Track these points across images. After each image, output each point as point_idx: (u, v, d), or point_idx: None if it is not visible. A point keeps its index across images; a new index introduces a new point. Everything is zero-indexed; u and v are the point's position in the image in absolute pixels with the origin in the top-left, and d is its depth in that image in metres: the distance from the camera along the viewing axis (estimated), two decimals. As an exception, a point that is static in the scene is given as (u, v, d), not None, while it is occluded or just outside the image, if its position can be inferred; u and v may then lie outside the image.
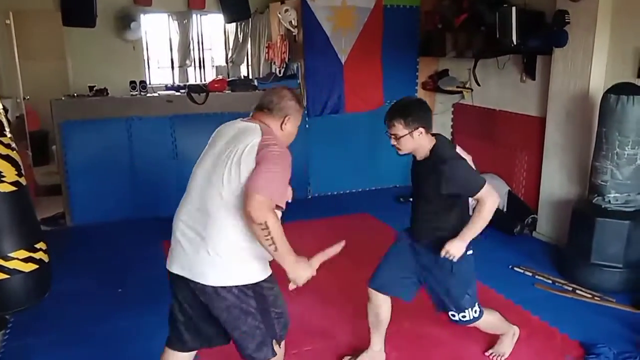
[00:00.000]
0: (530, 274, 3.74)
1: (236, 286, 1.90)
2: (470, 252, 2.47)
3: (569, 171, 4.16)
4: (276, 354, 2.02)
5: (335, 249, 2.05)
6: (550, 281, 3.64)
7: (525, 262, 3.93)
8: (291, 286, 1.92)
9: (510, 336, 2.78)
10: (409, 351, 2.85)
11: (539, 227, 4.49)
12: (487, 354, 2.79)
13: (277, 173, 1.82)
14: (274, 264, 1.96)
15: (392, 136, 2.37)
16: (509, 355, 2.78)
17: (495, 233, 4.54)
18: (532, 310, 3.22)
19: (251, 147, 1.87)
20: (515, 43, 4.19)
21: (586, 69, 3.89)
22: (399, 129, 2.32)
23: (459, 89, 5.48)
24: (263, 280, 1.96)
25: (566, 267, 3.74)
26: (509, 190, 4.84)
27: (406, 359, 2.79)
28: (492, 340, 2.83)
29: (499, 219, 4.65)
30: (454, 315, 2.55)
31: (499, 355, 2.78)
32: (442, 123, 5.86)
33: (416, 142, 2.35)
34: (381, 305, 2.63)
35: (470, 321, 2.55)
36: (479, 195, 2.35)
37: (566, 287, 3.55)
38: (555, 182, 4.31)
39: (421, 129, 2.33)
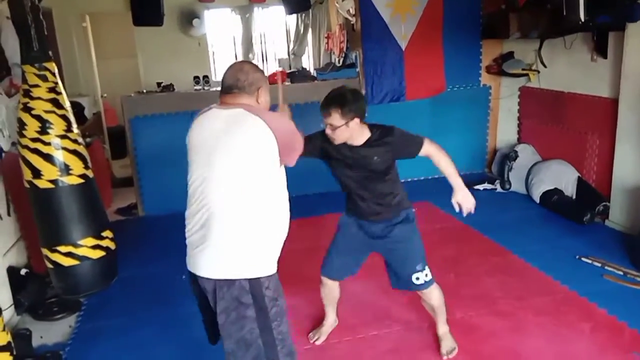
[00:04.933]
0: (599, 265, 3.53)
1: (245, 279, 1.86)
2: (413, 209, 2.59)
3: (644, 155, 3.89)
4: None
5: None
6: (620, 272, 3.42)
7: (595, 252, 3.72)
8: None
9: (445, 322, 2.72)
10: (460, 343, 2.76)
11: (612, 215, 4.22)
12: (444, 357, 2.65)
13: (300, 144, 1.97)
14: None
15: (329, 126, 2.39)
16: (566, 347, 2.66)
17: (563, 221, 4.35)
18: (598, 303, 3.05)
19: (263, 132, 1.81)
20: (583, 20, 3.92)
21: (663, 45, 3.61)
22: (336, 119, 2.35)
23: (524, 72, 5.23)
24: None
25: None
26: (578, 176, 4.59)
27: (458, 351, 2.71)
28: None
29: (567, 207, 4.48)
30: (418, 279, 2.55)
31: (453, 350, 2.67)
32: (508, 108, 5.64)
33: (351, 131, 2.38)
34: (333, 288, 2.79)
35: (425, 285, 2.57)
36: (425, 149, 2.50)
37: (638, 279, 3.33)
38: (629, 167, 4.02)
39: (357, 119, 2.36)
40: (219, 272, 1.85)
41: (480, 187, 5.25)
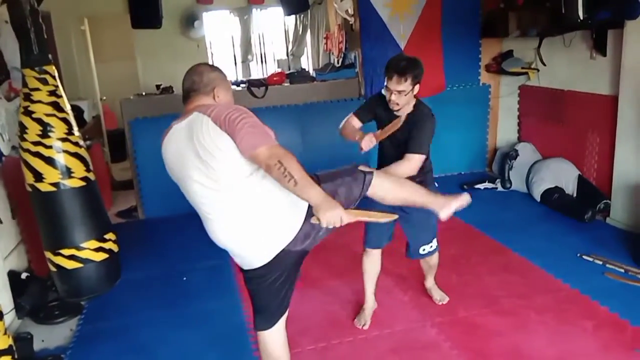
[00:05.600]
0: (600, 263, 3.53)
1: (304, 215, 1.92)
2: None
3: (645, 153, 3.88)
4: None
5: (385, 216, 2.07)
6: (622, 270, 3.41)
7: (596, 249, 3.71)
8: (314, 220, 1.77)
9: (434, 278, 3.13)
10: (464, 341, 2.78)
11: (613, 213, 4.22)
12: (438, 303, 3.09)
13: (251, 120, 1.76)
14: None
15: (398, 92, 2.44)
16: (570, 342, 2.66)
17: (564, 219, 4.35)
18: (600, 301, 3.04)
19: (210, 127, 1.78)
20: (582, 18, 3.94)
21: (662, 42, 3.61)
22: (408, 85, 2.43)
23: (524, 70, 5.23)
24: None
25: (641, 255, 3.51)
26: (579, 174, 4.59)
27: (460, 349, 2.72)
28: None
29: (568, 205, 4.48)
30: (424, 250, 2.82)
31: (444, 297, 3.10)
32: (508, 106, 5.64)
33: (410, 98, 2.50)
34: (375, 260, 2.90)
35: (435, 250, 2.88)
36: (413, 155, 2.49)
37: (640, 277, 3.33)
38: (630, 164, 4.02)
39: (418, 85, 2.49)
40: (263, 259, 1.92)
41: (480, 186, 5.24)
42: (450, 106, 5.65)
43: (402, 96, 2.46)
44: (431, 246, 2.85)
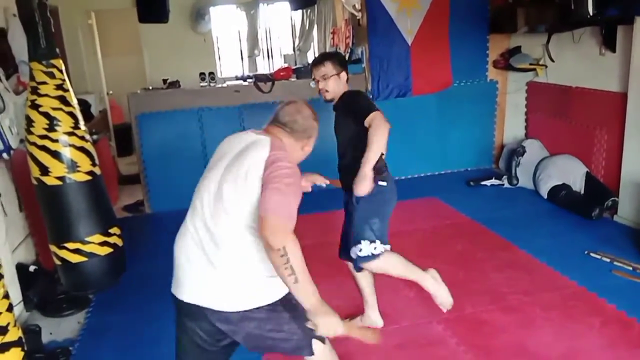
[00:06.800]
0: (608, 260, 3.51)
1: (266, 305, 1.73)
2: (383, 183, 2.43)
3: (654, 150, 3.85)
4: (314, 353, 1.84)
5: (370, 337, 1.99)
6: (630, 268, 3.39)
7: (604, 247, 3.69)
8: (310, 325, 1.67)
9: (432, 282, 2.57)
10: (469, 338, 2.78)
11: (621, 211, 4.19)
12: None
13: (290, 194, 1.61)
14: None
15: (323, 78, 2.53)
16: (579, 341, 2.65)
17: (571, 217, 4.33)
18: (607, 299, 3.02)
19: (259, 162, 1.69)
20: (591, 13, 3.90)
21: (673, 38, 3.57)
22: (329, 68, 2.53)
23: (532, 66, 5.20)
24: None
25: (649, 253, 3.48)
26: (587, 171, 4.55)
27: (467, 346, 2.71)
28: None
29: (575, 202, 4.45)
30: (353, 253, 2.49)
31: (444, 306, 2.60)
32: (516, 103, 5.61)
33: (341, 84, 2.55)
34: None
35: (367, 258, 2.46)
36: (369, 116, 2.36)
37: (648, 275, 3.31)
38: (638, 162, 3.99)
39: (344, 73, 2.56)
40: (241, 303, 1.74)
41: (487, 182, 5.22)
42: (457, 102, 5.64)
43: (328, 81, 2.53)
44: (371, 249, 2.47)
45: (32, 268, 3.36)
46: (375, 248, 2.47)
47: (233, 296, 1.71)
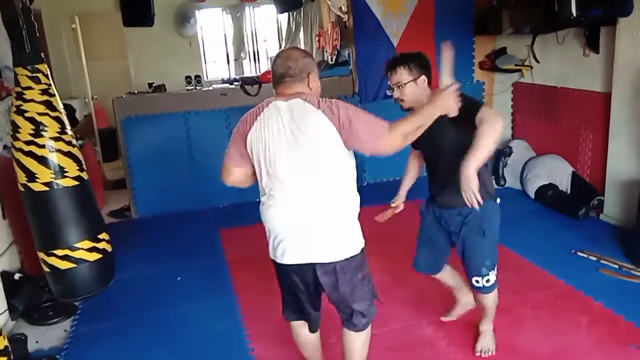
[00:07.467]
0: (594, 259, 3.55)
1: (360, 252, 2.06)
2: (498, 200, 2.42)
3: (638, 149, 3.89)
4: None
5: None
6: (616, 266, 3.43)
7: (590, 246, 3.73)
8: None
9: (491, 324, 2.65)
10: (460, 339, 2.79)
11: (606, 209, 4.24)
12: (477, 354, 2.61)
13: (364, 115, 1.93)
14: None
15: (397, 86, 2.28)
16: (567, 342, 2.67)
17: (558, 216, 4.37)
18: (594, 297, 3.06)
19: (320, 118, 1.89)
20: (575, 15, 3.95)
21: (655, 39, 3.62)
22: (403, 74, 2.27)
23: (517, 67, 5.25)
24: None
25: (635, 250, 3.51)
26: (573, 171, 4.60)
27: (457, 346, 2.73)
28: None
29: (562, 202, 4.50)
30: (477, 282, 2.46)
31: (488, 351, 2.61)
32: (502, 103, 5.64)
33: (420, 91, 2.28)
34: (444, 276, 2.76)
35: (492, 287, 2.47)
36: (483, 114, 2.15)
37: (634, 272, 3.34)
38: (623, 161, 4.04)
39: (424, 77, 2.29)
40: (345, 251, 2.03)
41: (474, 183, 5.24)
42: (444, 103, 5.66)
43: (404, 89, 2.27)
44: (487, 280, 2.45)
45: (17, 276, 3.30)
46: (495, 275, 2.48)
47: (340, 245, 2.02)
